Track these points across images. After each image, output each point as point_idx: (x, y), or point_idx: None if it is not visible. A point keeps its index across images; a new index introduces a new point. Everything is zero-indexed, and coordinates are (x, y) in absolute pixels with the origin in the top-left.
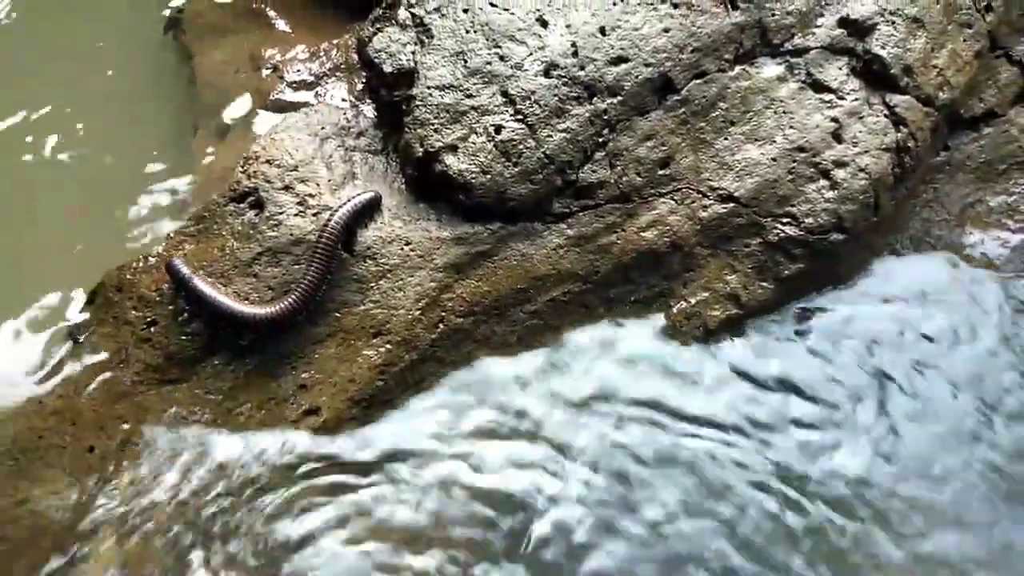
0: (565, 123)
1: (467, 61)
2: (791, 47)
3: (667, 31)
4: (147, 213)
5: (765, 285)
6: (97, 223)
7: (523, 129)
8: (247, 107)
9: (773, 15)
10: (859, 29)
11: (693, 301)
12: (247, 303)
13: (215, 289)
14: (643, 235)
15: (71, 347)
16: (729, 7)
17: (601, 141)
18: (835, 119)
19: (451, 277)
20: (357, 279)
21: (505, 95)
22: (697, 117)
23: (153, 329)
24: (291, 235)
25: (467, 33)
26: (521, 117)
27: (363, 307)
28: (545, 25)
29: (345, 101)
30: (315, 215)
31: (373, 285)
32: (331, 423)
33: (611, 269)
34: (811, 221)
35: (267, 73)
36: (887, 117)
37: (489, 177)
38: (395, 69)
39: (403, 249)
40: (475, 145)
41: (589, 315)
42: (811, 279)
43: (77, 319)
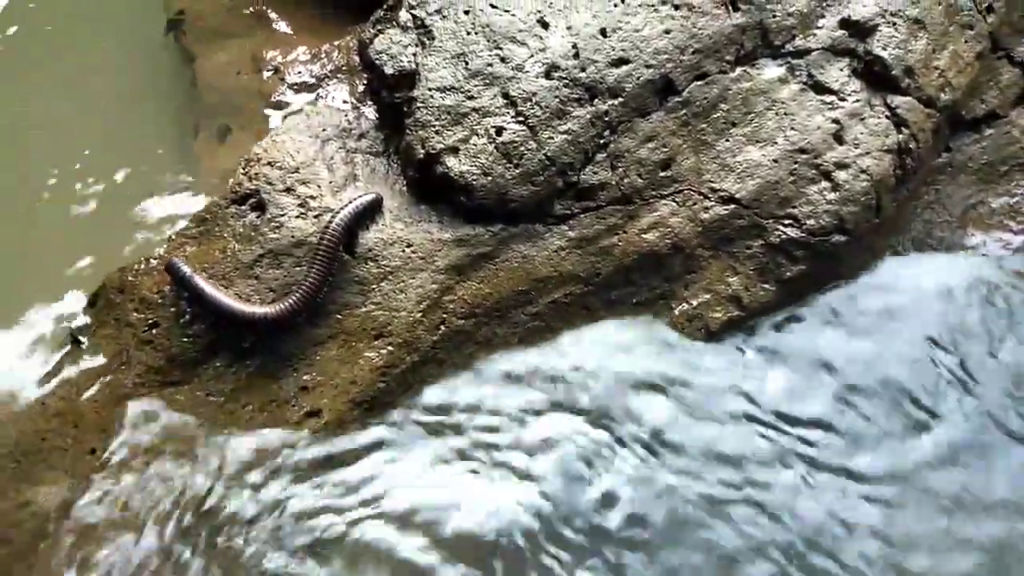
0: (566, 125)
1: (468, 63)
2: (792, 48)
3: (668, 32)
4: (148, 215)
5: (767, 287)
6: (99, 225)
7: (524, 131)
8: (248, 109)
9: (774, 16)
10: (860, 30)
11: (695, 303)
12: (248, 302)
13: (215, 288)
14: (644, 237)
15: (73, 349)
16: (730, 8)
17: (602, 143)
18: (836, 120)
19: (452, 279)
20: (358, 281)
21: (506, 97)
22: (698, 118)
23: (155, 331)
24: (292, 237)
25: (468, 35)
26: (522, 119)
27: (364, 309)
28: (546, 27)
29: (346, 103)
30: (316, 217)
31: (374, 287)
32: (332, 425)
33: (612, 271)
34: (813, 223)
35: (268, 75)
36: (888, 118)
37: (490, 179)
38: (396, 71)
39: (404, 251)
40: (476, 147)
41: (590, 317)
42: (813, 281)
43: (79, 321)
